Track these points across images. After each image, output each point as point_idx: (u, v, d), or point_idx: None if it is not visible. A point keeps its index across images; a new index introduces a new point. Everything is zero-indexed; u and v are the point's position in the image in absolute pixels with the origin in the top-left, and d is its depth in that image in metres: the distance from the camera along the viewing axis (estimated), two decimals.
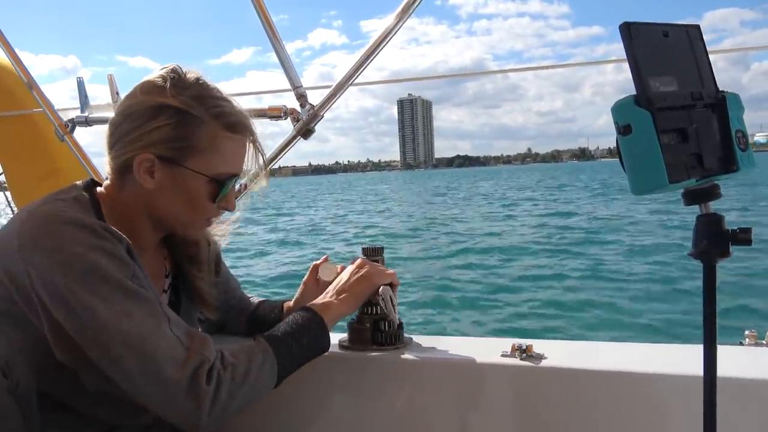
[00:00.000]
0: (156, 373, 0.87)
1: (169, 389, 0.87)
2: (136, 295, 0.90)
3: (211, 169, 1.01)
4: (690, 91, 0.68)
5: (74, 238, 0.89)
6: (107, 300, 0.88)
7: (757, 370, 0.99)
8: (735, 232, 0.67)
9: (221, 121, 1.00)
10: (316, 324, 1.07)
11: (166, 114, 0.98)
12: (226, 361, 0.92)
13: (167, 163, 0.99)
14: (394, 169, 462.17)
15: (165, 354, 0.88)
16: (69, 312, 0.87)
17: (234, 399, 0.91)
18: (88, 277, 0.88)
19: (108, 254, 0.90)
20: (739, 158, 0.69)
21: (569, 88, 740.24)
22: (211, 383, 0.88)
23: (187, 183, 1.01)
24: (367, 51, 1.55)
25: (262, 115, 1.63)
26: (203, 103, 1.00)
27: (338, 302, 1.13)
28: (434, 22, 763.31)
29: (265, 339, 1.01)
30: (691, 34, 0.71)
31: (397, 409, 1.20)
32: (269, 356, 0.98)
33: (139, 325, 0.88)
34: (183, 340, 0.91)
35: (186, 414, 0.88)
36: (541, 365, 1.10)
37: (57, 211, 0.92)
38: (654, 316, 6.58)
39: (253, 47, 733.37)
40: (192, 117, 0.98)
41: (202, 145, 0.99)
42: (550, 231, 15.10)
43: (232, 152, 1.03)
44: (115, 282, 0.89)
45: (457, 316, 7.19)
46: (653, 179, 0.63)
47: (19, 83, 2.13)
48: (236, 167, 1.05)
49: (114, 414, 1.03)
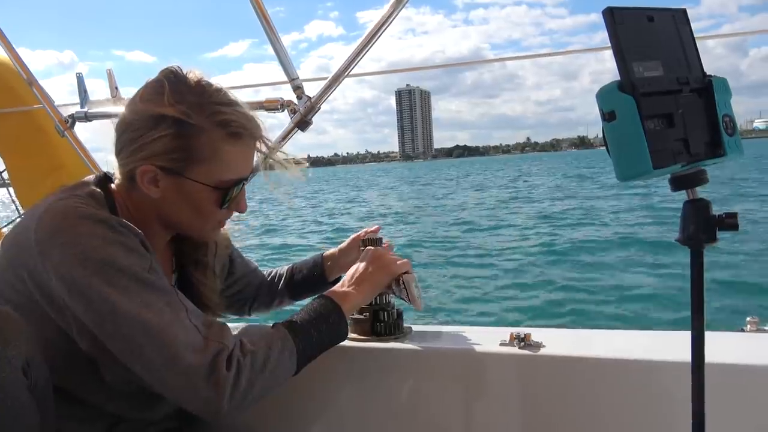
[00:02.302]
0: (176, 362, 0.87)
1: (190, 377, 0.87)
2: (153, 286, 0.91)
3: (215, 178, 1.00)
4: (676, 76, 0.68)
5: (91, 232, 0.90)
6: (126, 292, 0.88)
7: (758, 357, 0.99)
8: (722, 218, 0.67)
9: (224, 130, 0.98)
10: (334, 313, 1.07)
11: (165, 124, 0.96)
12: (245, 349, 0.92)
13: (170, 173, 0.99)
14: (393, 160, 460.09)
15: (185, 342, 0.88)
16: (88, 305, 0.88)
17: (254, 386, 0.91)
18: (105, 269, 0.88)
19: (125, 247, 0.91)
20: (726, 143, 0.69)
21: (567, 76, 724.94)
22: (231, 370, 0.88)
23: (192, 192, 1.00)
24: (363, 41, 1.55)
25: (259, 107, 1.63)
26: (204, 110, 0.97)
27: (356, 292, 1.13)
28: (431, 12, 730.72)
29: (284, 326, 1.00)
30: (678, 18, 0.70)
31: (397, 398, 1.21)
32: (289, 343, 0.97)
33: (158, 315, 0.88)
34: (201, 328, 0.91)
35: (206, 401, 0.88)
36: (540, 353, 1.10)
37: (73, 206, 0.93)
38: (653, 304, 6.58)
39: (249, 40, 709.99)
40: (191, 126, 0.96)
41: (204, 155, 0.98)
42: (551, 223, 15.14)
43: (236, 159, 1.01)
44: (133, 274, 0.89)
45: (456, 306, 7.22)
46: (638, 165, 0.63)
47: (19, 80, 2.14)
48: (241, 172, 1.03)
49: (125, 407, 1.04)
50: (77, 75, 2.04)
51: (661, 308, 6.23)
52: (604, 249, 10.19)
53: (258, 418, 1.31)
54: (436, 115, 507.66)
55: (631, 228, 12.37)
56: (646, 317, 6.03)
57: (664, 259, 8.46)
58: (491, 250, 10.90)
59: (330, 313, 1.06)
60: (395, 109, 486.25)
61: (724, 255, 7.96)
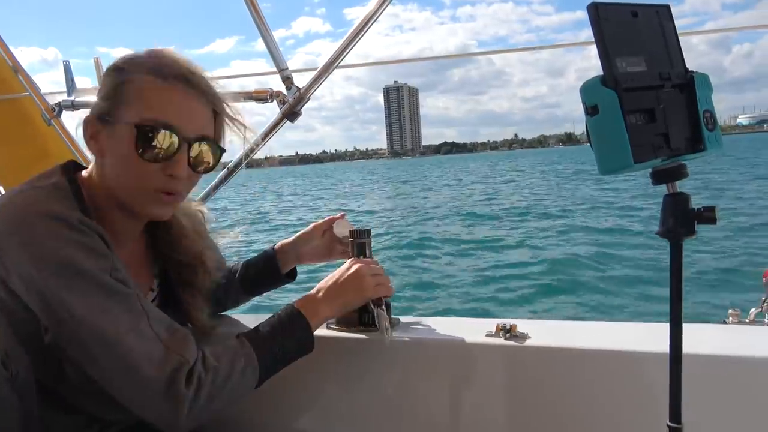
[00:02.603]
0: (132, 373, 0.85)
1: (146, 390, 0.85)
2: (113, 290, 0.88)
3: (134, 117, 0.94)
4: (658, 72, 0.69)
5: (49, 231, 0.86)
6: (83, 296, 0.85)
7: (739, 348, 1.01)
8: (700, 211, 0.69)
9: (153, 75, 0.95)
10: (301, 329, 1.05)
11: (109, 76, 0.97)
12: (207, 364, 0.90)
13: (103, 122, 0.96)
14: (382, 157, 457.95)
15: (142, 353, 0.85)
16: (45, 306, 0.86)
17: (213, 402, 0.89)
18: (63, 272, 0.85)
19: (84, 248, 0.88)
20: (706, 138, 0.70)
21: (554, 73, 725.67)
22: (191, 386, 0.86)
23: (118, 138, 0.95)
24: (353, 32, 1.55)
25: (248, 97, 1.63)
26: (143, 60, 0.97)
27: (328, 308, 1.10)
28: (418, 9, 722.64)
29: (249, 341, 0.98)
30: (661, 14, 0.71)
31: (384, 389, 1.22)
32: (252, 360, 0.96)
33: (115, 323, 0.85)
34: (163, 336, 0.88)
35: (163, 415, 0.86)
36: (526, 344, 1.12)
37: (33, 202, 0.90)
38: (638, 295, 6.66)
39: (236, 36, 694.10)
40: (125, 72, 0.96)
41: (130, 97, 0.95)
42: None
43: (160, 100, 0.95)
44: (92, 277, 0.86)
45: (441, 296, 7.27)
46: (619, 159, 0.64)
47: (5, 67, 2.12)
48: (166, 115, 0.94)
49: (93, 404, 1.01)
50: (64, 63, 2.02)
51: (644, 300, 6.31)
52: (590, 239, 10.30)
53: (246, 410, 1.31)
54: (424, 112, 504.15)
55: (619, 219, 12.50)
56: (631, 309, 6.11)
57: (650, 251, 8.57)
58: (482, 241, 11.00)
59: (297, 328, 1.04)
60: (383, 106, 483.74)
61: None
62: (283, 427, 1.30)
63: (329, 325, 1.28)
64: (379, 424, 1.23)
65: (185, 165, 0.97)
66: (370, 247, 1.29)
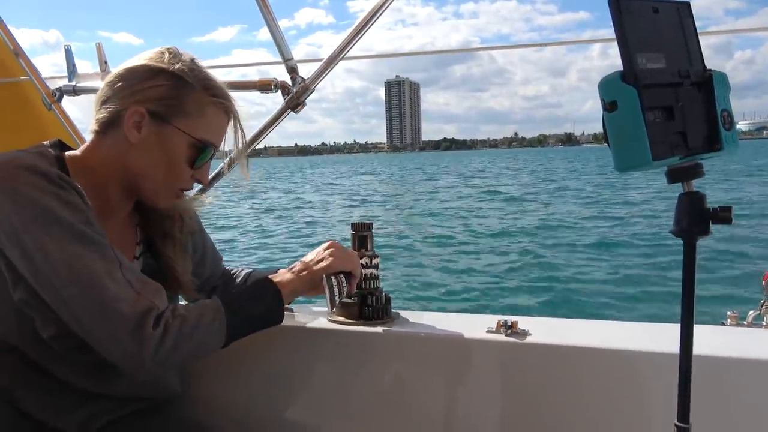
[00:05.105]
0: (103, 310, 0.89)
1: (115, 327, 0.90)
2: (87, 238, 0.93)
3: (195, 132, 1.06)
4: (677, 69, 0.68)
5: (30, 182, 0.92)
6: (59, 242, 0.91)
7: (737, 350, 1.01)
8: (716, 211, 0.68)
9: (210, 95, 1.07)
10: (271, 296, 1.09)
11: (164, 76, 1.04)
12: (177, 312, 0.95)
13: (156, 119, 1.04)
14: (381, 151, 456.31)
15: (114, 293, 0.90)
16: (23, 252, 0.91)
17: (178, 350, 0.93)
18: (41, 219, 0.91)
19: (61, 200, 0.93)
20: (723, 137, 0.69)
21: (555, 72, 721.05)
22: (158, 329, 0.91)
23: (171, 142, 1.05)
24: (360, 24, 1.54)
25: (252, 87, 1.62)
26: (196, 75, 1.06)
27: (298, 279, 1.14)
28: (421, 4, 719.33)
29: (219, 299, 1.03)
30: (682, 11, 0.70)
31: (384, 382, 1.22)
32: (220, 315, 0.99)
33: (89, 267, 0.91)
34: (135, 284, 0.94)
35: (129, 354, 0.90)
36: (526, 341, 1.11)
37: (15, 158, 0.95)
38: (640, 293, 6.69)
39: (239, 25, 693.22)
40: (185, 83, 1.04)
41: (191, 110, 1.05)
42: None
43: (214, 125, 1.09)
44: (68, 225, 0.92)
45: (443, 292, 7.28)
46: (637, 156, 0.63)
47: (5, 51, 2.09)
48: (217, 138, 1.10)
49: (75, 375, 1.03)
50: (65, 47, 2.00)
51: (647, 301, 6.33)
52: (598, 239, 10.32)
53: (242, 398, 1.31)
54: (425, 108, 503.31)
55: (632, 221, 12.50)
56: (633, 309, 6.13)
57: (658, 250, 8.60)
58: (482, 237, 11.01)
59: (267, 295, 1.08)
60: (384, 99, 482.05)
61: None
62: (281, 419, 1.30)
63: (330, 318, 1.27)
64: (378, 418, 1.23)
65: (208, 170, 1.13)
66: (372, 240, 1.29)
